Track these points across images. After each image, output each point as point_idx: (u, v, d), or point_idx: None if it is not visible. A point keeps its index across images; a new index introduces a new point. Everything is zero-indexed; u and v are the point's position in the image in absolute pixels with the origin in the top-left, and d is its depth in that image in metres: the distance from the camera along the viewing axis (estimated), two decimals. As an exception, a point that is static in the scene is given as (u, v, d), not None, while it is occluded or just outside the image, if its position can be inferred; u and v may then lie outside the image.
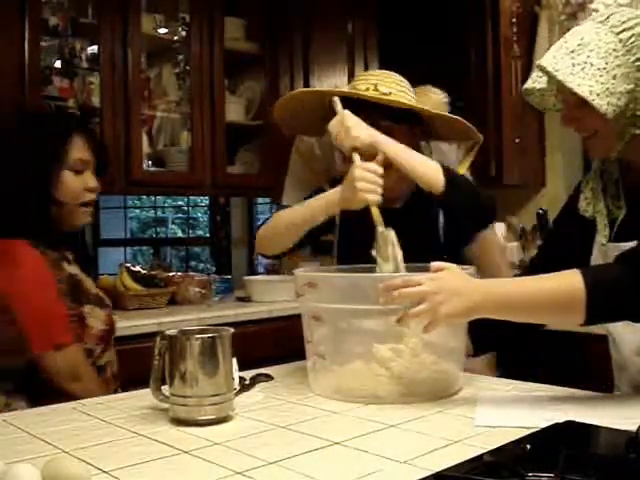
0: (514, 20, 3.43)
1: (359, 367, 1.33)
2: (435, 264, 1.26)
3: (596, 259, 1.41)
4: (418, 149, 1.68)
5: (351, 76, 3.66)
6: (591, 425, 1.09)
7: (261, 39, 3.43)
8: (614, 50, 1.25)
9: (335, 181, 1.68)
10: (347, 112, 1.55)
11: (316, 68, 3.55)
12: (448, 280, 1.22)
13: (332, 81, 3.61)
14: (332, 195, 1.58)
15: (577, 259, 1.40)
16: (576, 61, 1.25)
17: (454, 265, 1.27)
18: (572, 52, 1.27)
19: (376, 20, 3.74)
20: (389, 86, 1.63)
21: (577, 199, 1.45)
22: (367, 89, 1.63)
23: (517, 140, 3.45)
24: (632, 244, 1.26)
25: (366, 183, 1.48)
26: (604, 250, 1.37)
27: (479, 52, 3.47)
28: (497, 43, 3.41)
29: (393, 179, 1.58)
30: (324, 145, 1.73)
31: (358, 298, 1.31)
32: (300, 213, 1.63)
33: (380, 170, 1.51)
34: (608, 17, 1.29)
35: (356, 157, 1.52)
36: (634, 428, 0.99)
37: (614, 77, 1.24)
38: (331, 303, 1.35)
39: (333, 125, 1.55)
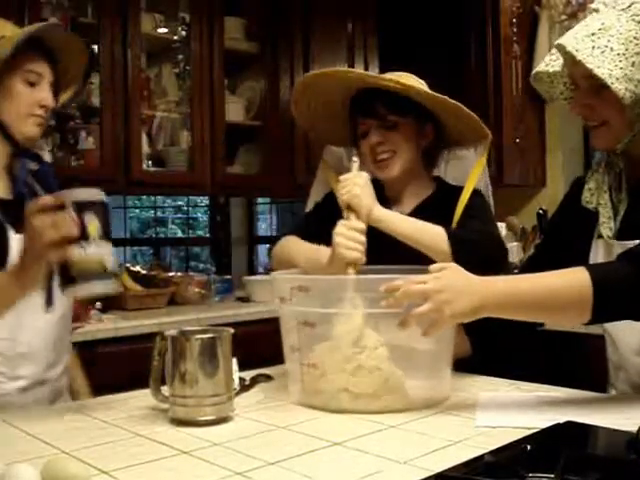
0: (514, 20, 3.43)
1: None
2: (435, 265, 1.22)
3: (596, 255, 1.39)
4: (432, 154, 1.68)
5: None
6: (591, 425, 1.08)
7: (261, 39, 3.43)
8: (635, 38, 1.25)
9: None
10: (363, 175, 1.49)
11: (316, 68, 3.54)
12: (453, 279, 1.18)
13: (332, 81, 3.61)
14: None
15: (575, 256, 1.39)
16: (596, 44, 1.25)
17: (455, 264, 1.23)
18: (593, 35, 1.27)
19: (376, 20, 3.73)
20: (406, 81, 1.59)
21: (573, 196, 1.45)
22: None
23: (517, 140, 3.45)
24: (637, 242, 1.25)
25: (344, 239, 1.40)
26: (608, 247, 1.36)
27: (479, 52, 3.47)
28: (497, 43, 3.41)
29: (397, 140, 1.59)
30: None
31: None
32: (302, 258, 1.57)
33: (362, 227, 1.43)
34: (630, 5, 1.29)
35: (350, 215, 1.46)
36: (634, 428, 0.99)
37: (633, 64, 1.24)
38: (324, 308, 1.29)
39: (345, 178, 1.49)
